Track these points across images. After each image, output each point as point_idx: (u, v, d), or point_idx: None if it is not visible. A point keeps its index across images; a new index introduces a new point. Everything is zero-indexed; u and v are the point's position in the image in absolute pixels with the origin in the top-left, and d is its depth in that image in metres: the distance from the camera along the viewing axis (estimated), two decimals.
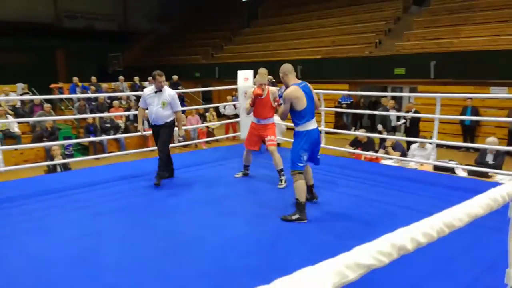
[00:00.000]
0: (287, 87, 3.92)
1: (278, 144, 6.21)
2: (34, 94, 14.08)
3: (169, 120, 5.10)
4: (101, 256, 3.12)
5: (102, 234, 3.54)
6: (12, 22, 22.34)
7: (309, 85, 3.98)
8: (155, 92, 5.07)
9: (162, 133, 5.07)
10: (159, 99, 5.04)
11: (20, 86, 12.88)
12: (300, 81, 3.93)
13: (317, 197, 4.29)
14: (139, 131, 5.24)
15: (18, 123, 10.92)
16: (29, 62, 23.00)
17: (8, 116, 10.73)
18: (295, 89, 3.81)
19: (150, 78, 15.11)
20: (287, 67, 3.98)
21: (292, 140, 3.93)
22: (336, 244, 3.27)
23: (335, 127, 13.07)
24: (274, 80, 6.31)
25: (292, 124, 3.99)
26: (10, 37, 21.84)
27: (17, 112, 11.54)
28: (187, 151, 10.34)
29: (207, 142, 11.58)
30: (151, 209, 4.19)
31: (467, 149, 10.17)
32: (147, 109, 5.19)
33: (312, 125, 3.85)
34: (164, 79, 5.12)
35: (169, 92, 5.12)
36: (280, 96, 4.46)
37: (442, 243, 1.12)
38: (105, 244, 3.34)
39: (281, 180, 4.96)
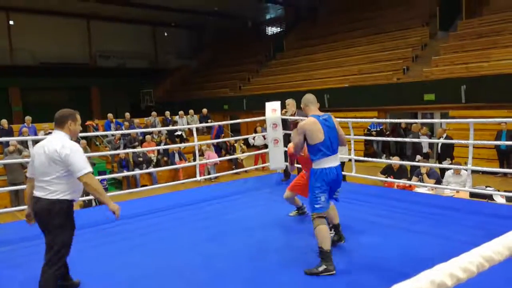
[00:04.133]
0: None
1: None
2: None
3: None
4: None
5: (137, 267, 3.58)
6: (50, 63, 23.68)
7: (333, 118, 3.61)
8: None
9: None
10: None
11: None
12: (322, 114, 3.58)
13: (344, 239, 3.90)
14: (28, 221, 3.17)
15: None
16: (66, 100, 24.13)
17: None
18: (311, 121, 3.47)
19: (181, 112, 15.72)
20: (308, 98, 3.68)
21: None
22: (369, 277, 3.19)
23: (365, 155, 12.93)
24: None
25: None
26: (49, 77, 23.07)
27: None
28: (215, 183, 10.42)
29: (236, 173, 11.65)
30: (184, 240, 4.23)
31: (505, 174, 9.81)
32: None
33: (328, 162, 3.43)
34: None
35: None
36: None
37: (483, 273, 1.09)
38: (141, 276, 3.38)
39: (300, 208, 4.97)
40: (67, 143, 2.90)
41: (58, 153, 2.83)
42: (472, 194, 6.12)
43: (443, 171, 8.27)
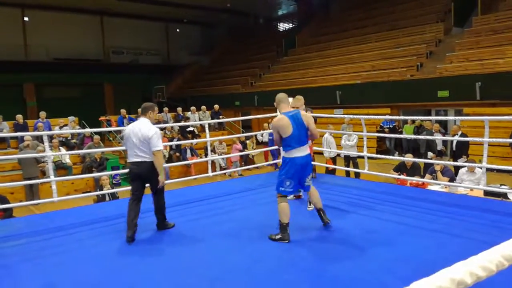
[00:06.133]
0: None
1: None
2: (84, 126, 14.82)
3: None
4: (150, 284, 3.18)
5: (147, 262, 3.61)
6: (64, 59, 23.93)
7: (302, 113, 4.10)
8: None
9: None
10: None
11: (71, 119, 13.59)
12: (292, 110, 4.13)
13: (329, 220, 4.29)
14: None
15: (69, 154, 11.48)
16: (80, 96, 24.38)
17: (61, 148, 11.31)
18: (280, 118, 4.02)
19: (193, 108, 15.78)
20: (279, 97, 4.20)
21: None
22: (386, 276, 3.18)
23: (378, 152, 12.84)
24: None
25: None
26: (63, 73, 23.31)
27: (68, 144, 12.15)
28: (228, 178, 10.46)
29: (248, 169, 11.66)
30: (196, 235, 4.25)
31: None
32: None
33: (297, 153, 3.99)
34: None
35: None
36: None
37: (500, 273, 1.08)
38: (155, 271, 3.41)
39: (309, 202, 5.04)
40: (152, 127, 4.29)
41: (147, 134, 4.18)
42: (486, 193, 6.03)
43: (457, 168, 8.17)
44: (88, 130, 8.66)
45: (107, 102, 25.48)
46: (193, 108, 15.80)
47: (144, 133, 4.19)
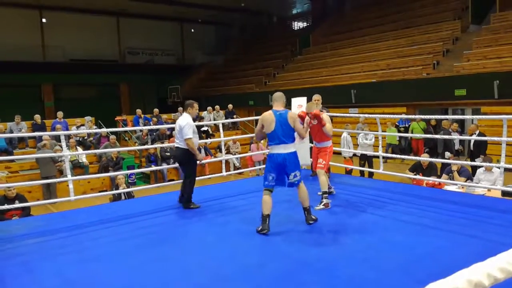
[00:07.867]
0: None
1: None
2: (101, 126, 15.00)
3: None
4: (163, 283, 3.21)
5: (164, 261, 3.64)
6: (81, 60, 24.28)
7: (289, 113, 4.32)
8: None
9: None
10: None
11: (87, 119, 13.78)
12: (282, 109, 4.33)
13: (311, 222, 4.39)
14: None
15: (86, 154, 11.64)
16: (96, 96, 24.70)
17: (78, 147, 11.47)
18: (267, 113, 4.30)
19: (209, 108, 15.83)
20: (274, 95, 4.51)
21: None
22: (401, 277, 3.15)
23: (393, 152, 12.70)
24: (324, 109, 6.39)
25: None
26: (80, 74, 23.64)
27: (85, 144, 12.33)
28: (241, 178, 10.47)
29: (261, 169, 11.65)
30: (209, 235, 4.27)
31: None
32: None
33: (277, 149, 4.22)
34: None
35: None
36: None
37: None
38: (168, 270, 3.44)
39: (320, 202, 5.07)
40: (188, 120, 5.29)
41: (182, 125, 5.25)
42: (504, 193, 5.93)
43: (474, 168, 8.04)
44: (104, 130, 8.77)
45: (123, 102, 25.75)
46: (209, 108, 15.85)
47: (180, 125, 5.28)
